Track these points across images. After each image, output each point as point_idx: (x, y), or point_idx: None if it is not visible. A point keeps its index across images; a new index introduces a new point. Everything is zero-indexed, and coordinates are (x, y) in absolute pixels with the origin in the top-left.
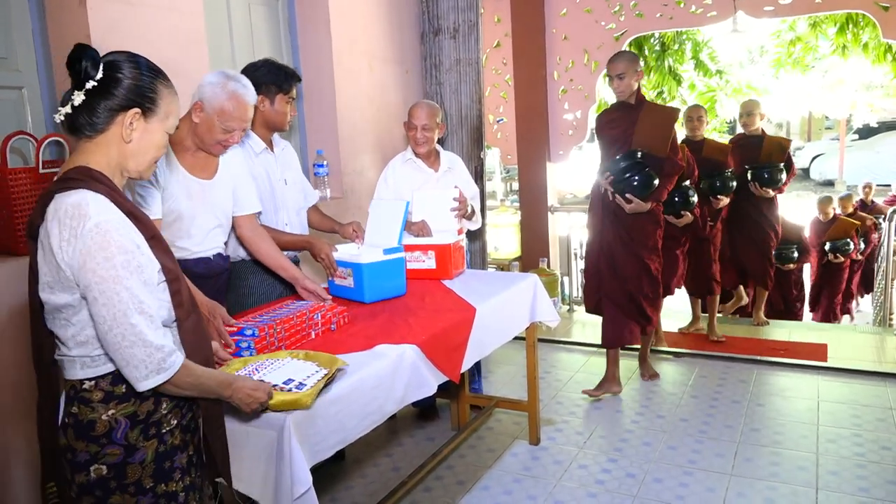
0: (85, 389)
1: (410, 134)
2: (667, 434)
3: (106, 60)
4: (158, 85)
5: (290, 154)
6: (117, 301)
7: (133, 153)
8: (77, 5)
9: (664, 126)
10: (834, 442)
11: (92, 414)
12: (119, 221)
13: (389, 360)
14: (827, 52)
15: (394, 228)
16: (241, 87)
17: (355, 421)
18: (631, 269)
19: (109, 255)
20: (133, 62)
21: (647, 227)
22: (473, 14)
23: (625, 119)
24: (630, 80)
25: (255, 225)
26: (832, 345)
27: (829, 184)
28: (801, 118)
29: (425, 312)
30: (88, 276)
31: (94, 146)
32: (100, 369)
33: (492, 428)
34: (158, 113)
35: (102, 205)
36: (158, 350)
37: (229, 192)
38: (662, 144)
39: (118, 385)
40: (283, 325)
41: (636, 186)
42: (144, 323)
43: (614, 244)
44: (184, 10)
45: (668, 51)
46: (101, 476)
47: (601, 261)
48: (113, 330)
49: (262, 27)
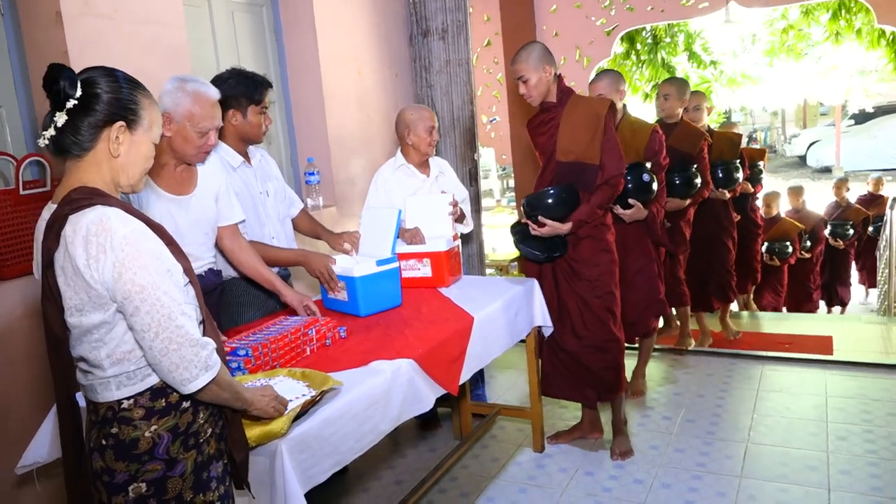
0: (124, 409)
1: (424, 139)
2: (674, 436)
3: (83, 78)
4: (139, 96)
5: (268, 163)
6: (160, 307)
7: (123, 167)
8: (53, 22)
9: (588, 124)
10: (845, 439)
11: (135, 432)
12: (144, 229)
13: (384, 377)
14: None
15: (387, 238)
16: (202, 86)
17: (350, 442)
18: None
19: (144, 262)
20: (110, 76)
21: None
22: (462, 14)
23: (550, 122)
24: (534, 82)
25: (237, 236)
26: (837, 336)
27: (827, 170)
28: (796, 105)
29: (422, 323)
30: (127, 287)
31: (85, 165)
32: (137, 386)
33: (495, 436)
34: (143, 124)
35: (123, 216)
36: (203, 347)
37: (213, 203)
38: (590, 148)
39: (158, 400)
40: (276, 343)
41: (551, 205)
42: (189, 323)
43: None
44: (164, 22)
45: (661, 43)
46: (139, 495)
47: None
48: (160, 335)
49: (246, 35)
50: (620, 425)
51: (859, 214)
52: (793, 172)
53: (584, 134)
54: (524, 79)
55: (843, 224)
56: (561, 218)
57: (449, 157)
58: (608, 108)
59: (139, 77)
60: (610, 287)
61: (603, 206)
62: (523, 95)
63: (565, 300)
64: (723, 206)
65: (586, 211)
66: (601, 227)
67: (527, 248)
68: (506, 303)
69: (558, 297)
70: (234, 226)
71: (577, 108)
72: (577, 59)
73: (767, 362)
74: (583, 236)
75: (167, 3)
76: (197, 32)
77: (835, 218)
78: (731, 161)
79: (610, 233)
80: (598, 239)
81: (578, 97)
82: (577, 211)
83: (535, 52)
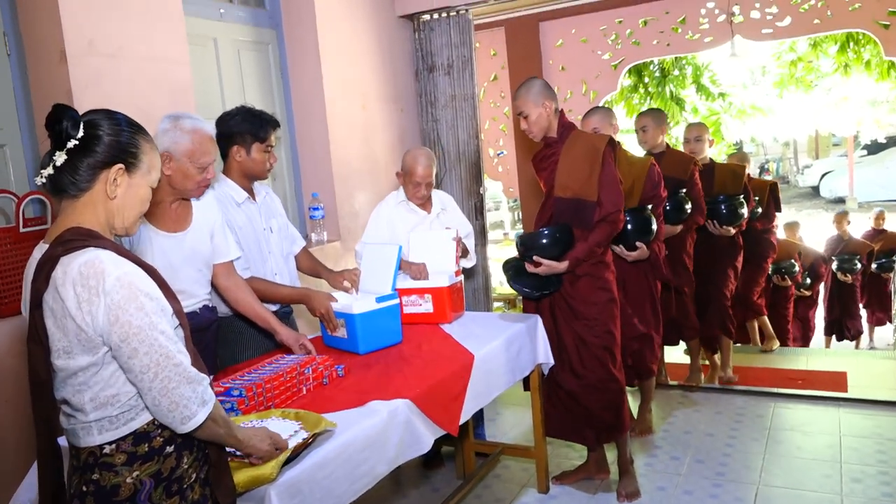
0: (106, 454)
1: (412, 189)
2: (682, 477)
3: (86, 119)
4: (140, 139)
5: (273, 200)
6: (158, 346)
7: (119, 209)
8: (58, 61)
9: (586, 159)
10: (859, 481)
11: (116, 478)
12: (137, 271)
13: (380, 418)
14: (829, 71)
15: (387, 274)
16: (196, 122)
17: (344, 486)
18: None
19: (140, 304)
20: (112, 119)
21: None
22: (467, 50)
23: (551, 157)
24: (534, 117)
25: (232, 273)
26: (851, 373)
27: (840, 201)
28: (807, 136)
29: (421, 361)
30: (124, 330)
31: (81, 206)
32: (120, 431)
33: (499, 475)
34: (141, 167)
35: (115, 259)
36: (199, 383)
37: (208, 239)
38: (587, 185)
39: (140, 445)
40: (271, 382)
41: (546, 245)
42: (185, 360)
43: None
44: (169, 59)
45: (669, 76)
46: None
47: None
48: (160, 375)
49: (252, 72)
50: (626, 465)
51: (865, 248)
52: (806, 203)
53: (583, 169)
54: (524, 114)
55: (850, 258)
56: (556, 257)
57: (454, 190)
58: (607, 144)
59: (144, 115)
60: (608, 326)
61: (601, 244)
62: (525, 131)
63: (563, 339)
64: (728, 244)
65: (584, 249)
66: (600, 265)
67: (519, 285)
68: (508, 340)
69: (557, 335)
70: (230, 263)
71: (576, 143)
72: (584, 93)
73: (779, 399)
74: (581, 274)
75: (172, 41)
76: (203, 70)
77: (840, 252)
78: (734, 196)
79: (609, 271)
80: (597, 277)
81: (579, 132)
82: (575, 249)
83: (534, 87)
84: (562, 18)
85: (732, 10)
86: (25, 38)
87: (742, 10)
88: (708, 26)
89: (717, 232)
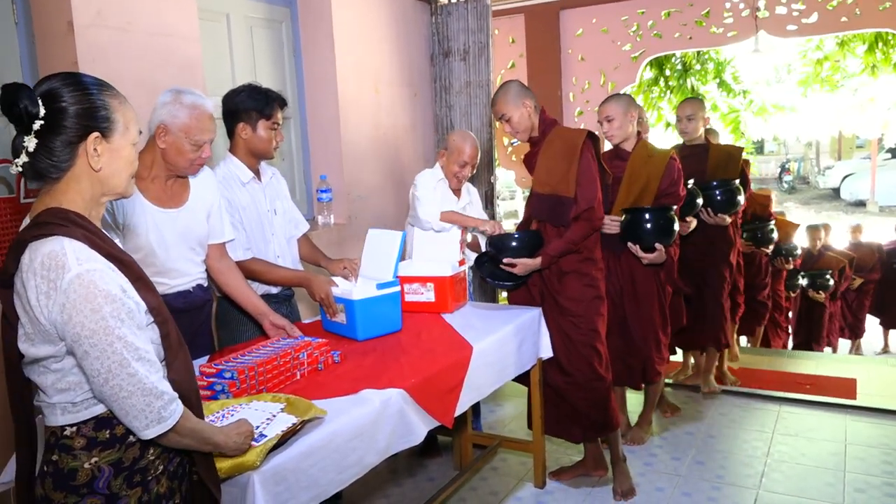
0: (66, 436)
1: (457, 169)
2: (681, 478)
3: (42, 92)
4: (106, 98)
5: (279, 182)
6: (111, 353)
7: (107, 178)
8: (65, 32)
9: (564, 155)
10: (863, 492)
11: (73, 462)
12: (101, 268)
13: (372, 408)
14: (856, 71)
15: (389, 261)
16: (198, 98)
17: (331, 475)
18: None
19: (96, 306)
20: (71, 83)
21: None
22: (484, 36)
23: (536, 154)
24: (516, 118)
25: (224, 255)
26: (861, 380)
27: (861, 204)
28: (831, 137)
29: (419, 351)
30: (77, 331)
31: (65, 184)
32: (81, 415)
33: (496, 468)
34: (118, 128)
35: (81, 252)
36: (158, 398)
37: (204, 218)
38: (564, 180)
39: (102, 430)
40: (264, 366)
41: (515, 248)
42: (144, 370)
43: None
44: (179, 35)
45: (690, 70)
46: None
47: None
48: (109, 382)
49: (264, 50)
50: (618, 462)
51: (837, 263)
52: (825, 205)
53: (561, 165)
54: (506, 117)
55: (821, 273)
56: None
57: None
58: (585, 138)
59: (150, 91)
60: (594, 324)
61: (577, 242)
62: (510, 134)
63: (552, 335)
64: (721, 229)
65: (559, 246)
66: (587, 261)
67: (495, 281)
68: (509, 332)
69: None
70: (222, 245)
71: (556, 139)
72: (602, 84)
73: (785, 403)
74: (568, 270)
75: (182, 16)
76: (213, 46)
77: (810, 267)
78: (730, 180)
79: (596, 268)
80: (583, 274)
81: (560, 128)
82: (551, 245)
83: (511, 89)
84: (583, 7)
85: (757, 5)
86: (34, 7)
87: (767, 5)
88: (732, 21)
89: (711, 221)
